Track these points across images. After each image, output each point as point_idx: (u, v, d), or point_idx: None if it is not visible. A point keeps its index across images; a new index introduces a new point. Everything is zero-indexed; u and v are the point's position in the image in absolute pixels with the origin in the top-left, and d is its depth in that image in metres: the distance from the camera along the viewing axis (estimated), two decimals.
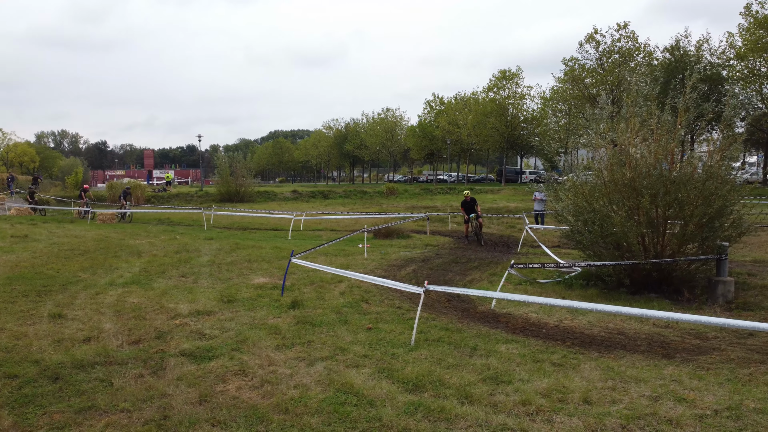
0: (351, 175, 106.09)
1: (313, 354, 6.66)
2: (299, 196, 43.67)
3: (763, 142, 44.15)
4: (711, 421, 4.83)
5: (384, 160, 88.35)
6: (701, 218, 9.33)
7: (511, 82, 58.52)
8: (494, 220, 24.22)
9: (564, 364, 6.33)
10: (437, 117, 69.04)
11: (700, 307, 9.04)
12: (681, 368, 6.20)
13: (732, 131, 9.44)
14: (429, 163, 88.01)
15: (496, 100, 58.74)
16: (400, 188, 51.93)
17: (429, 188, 53.69)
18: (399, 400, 5.31)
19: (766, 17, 37.56)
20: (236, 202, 39.20)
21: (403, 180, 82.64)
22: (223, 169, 42.46)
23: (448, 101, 69.55)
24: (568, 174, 10.71)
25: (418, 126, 74.06)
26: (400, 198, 43.37)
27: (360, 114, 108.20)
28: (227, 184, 41.45)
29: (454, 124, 64.92)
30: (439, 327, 7.84)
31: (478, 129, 59.94)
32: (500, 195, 43.00)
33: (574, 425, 4.79)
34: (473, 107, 62.26)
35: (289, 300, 9.22)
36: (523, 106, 58.76)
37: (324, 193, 46.44)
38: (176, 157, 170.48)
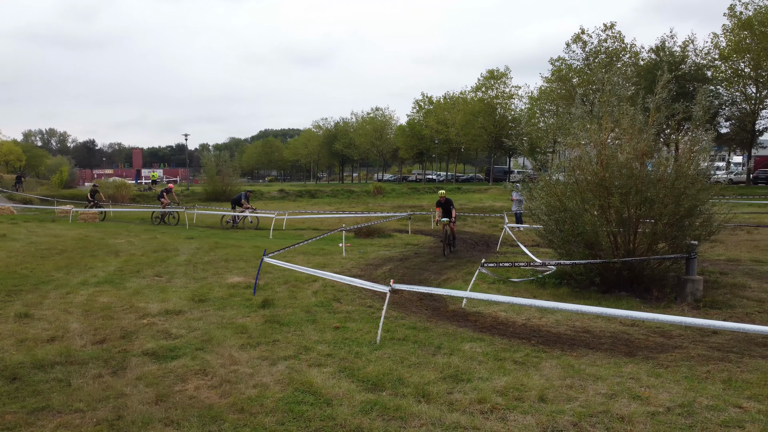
0: (340, 175, 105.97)
1: (276, 353, 6.65)
2: (286, 195, 43.60)
3: (746, 142, 44.53)
4: (662, 418, 4.87)
5: (373, 160, 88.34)
6: (671, 217, 9.40)
7: (499, 82, 58.71)
8: (477, 220, 24.28)
9: (525, 362, 6.36)
10: (426, 116, 69.13)
11: (668, 306, 9.11)
12: (640, 366, 6.24)
13: (702, 131, 9.50)
14: (418, 162, 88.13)
15: (484, 100, 58.90)
16: (387, 187, 51.96)
17: (417, 187, 53.77)
18: (356, 399, 5.31)
19: (749, 18, 37.91)
20: (223, 201, 39.02)
21: (392, 179, 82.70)
22: (209, 168, 42.32)
23: (437, 101, 69.68)
24: (542, 173, 10.75)
25: (408, 125, 74.12)
26: (387, 197, 43.40)
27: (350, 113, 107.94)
28: (213, 183, 41.34)
29: (442, 124, 65.03)
30: (406, 326, 7.86)
31: (466, 128, 60.05)
32: (487, 194, 43.15)
33: (527, 423, 4.82)
34: (462, 107, 62.38)
35: (261, 299, 9.20)
36: (511, 106, 58.94)
37: (311, 192, 46.40)
38: (166, 156, 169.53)
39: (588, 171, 9.85)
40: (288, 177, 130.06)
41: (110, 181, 42.06)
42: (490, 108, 58.23)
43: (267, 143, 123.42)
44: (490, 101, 58.60)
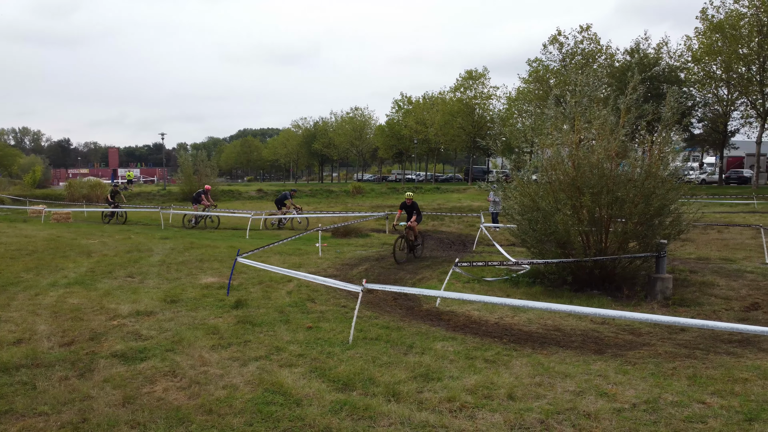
0: (320, 175, 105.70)
1: (248, 354, 6.61)
2: (264, 195, 43.36)
3: (719, 143, 45.40)
4: (627, 414, 4.94)
5: (353, 160, 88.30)
6: (641, 217, 9.54)
7: (477, 82, 59.07)
8: (455, 219, 24.38)
9: (496, 360, 6.41)
10: (405, 116, 69.29)
11: (638, 304, 9.24)
12: (609, 363, 6.33)
13: (669, 131, 9.67)
14: (398, 162, 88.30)
15: (463, 100, 59.21)
16: (366, 187, 51.95)
17: (396, 187, 53.85)
18: (326, 399, 5.30)
19: (720, 22, 38.65)
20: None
21: (372, 179, 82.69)
22: (186, 167, 41.87)
23: (416, 101, 69.87)
24: (516, 173, 10.83)
25: (387, 125, 74.20)
26: (366, 197, 43.39)
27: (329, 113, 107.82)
28: (190, 182, 40.86)
29: (421, 124, 65.25)
30: (380, 325, 7.86)
31: (445, 129, 60.32)
32: (465, 194, 43.38)
33: (495, 421, 4.85)
34: (440, 107, 62.66)
35: (234, 300, 9.13)
36: (489, 106, 59.34)
37: None
38: (143, 155, 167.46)
39: (560, 171, 9.95)
40: (267, 177, 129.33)
41: (84, 181, 41.35)
42: (468, 108, 58.59)
43: (246, 143, 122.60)
44: (469, 101, 58.97)
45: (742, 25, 38.32)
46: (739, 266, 12.27)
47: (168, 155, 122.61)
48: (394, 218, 21.35)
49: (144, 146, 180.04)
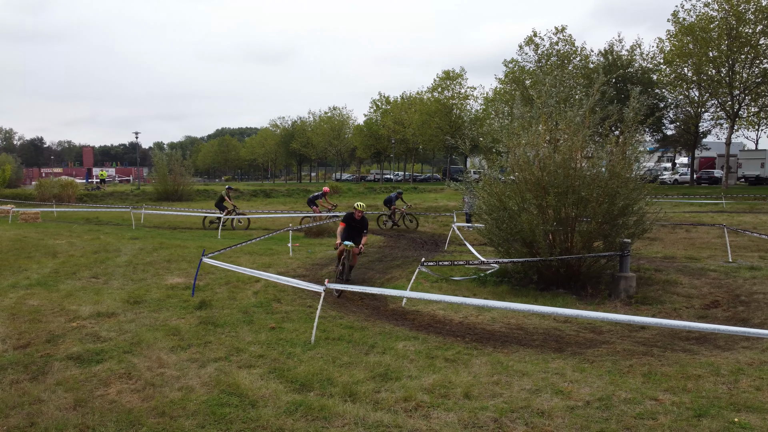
0: (298, 174, 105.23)
1: (207, 355, 6.54)
2: (240, 195, 42.95)
3: (690, 144, 46.21)
4: (581, 412, 4.99)
5: (331, 159, 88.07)
6: (605, 216, 9.65)
7: (454, 83, 59.30)
8: (430, 219, 24.45)
9: (456, 359, 6.43)
10: (383, 116, 69.33)
11: (602, 302, 9.36)
12: (567, 361, 6.39)
13: (633, 132, 9.80)
14: (376, 162, 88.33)
15: (440, 101, 59.42)
16: (344, 187, 51.83)
17: (373, 187, 53.82)
18: (282, 399, 5.27)
19: (691, 25, 39.33)
20: (174, 200, 38.28)
21: (350, 179, 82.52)
22: (161, 167, 41.35)
23: (394, 100, 69.94)
24: (484, 173, 10.90)
25: (365, 125, 74.15)
26: (344, 197, 43.22)
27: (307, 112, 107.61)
28: (165, 182, 40.41)
29: (399, 124, 65.33)
30: (344, 325, 7.84)
31: (422, 129, 60.47)
32: (442, 194, 43.54)
33: (449, 420, 4.86)
34: (418, 107, 62.80)
35: (198, 300, 9.04)
36: (467, 107, 59.62)
37: (266, 192, 45.91)
38: (119, 154, 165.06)
39: (527, 171, 10.03)
40: (245, 176, 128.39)
41: (55, 180, 40.58)
42: (446, 108, 58.79)
43: (223, 142, 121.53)
44: (446, 102, 59.17)
45: (712, 28, 39.04)
46: (703, 265, 12.47)
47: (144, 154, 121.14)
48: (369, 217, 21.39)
49: (120, 145, 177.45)
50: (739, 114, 41.02)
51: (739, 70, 39.37)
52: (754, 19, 37.88)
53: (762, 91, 40.14)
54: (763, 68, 39.12)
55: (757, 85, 39.55)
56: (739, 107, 40.51)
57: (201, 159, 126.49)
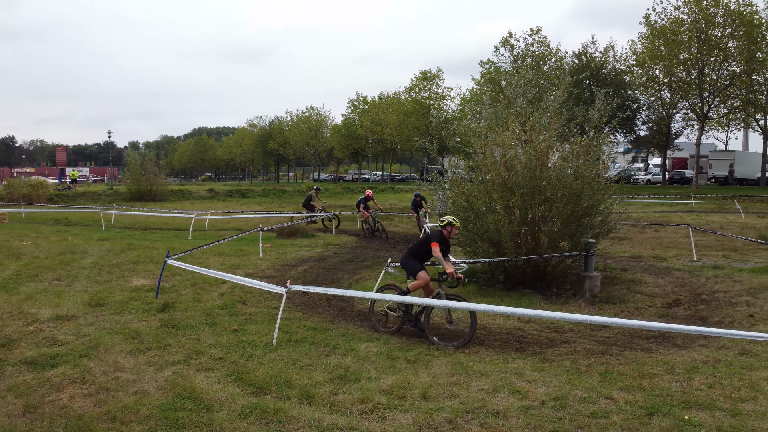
0: (276, 174, 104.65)
1: (166, 358, 6.44)
2: (215, 195, 42.58)
3: (662, 145, 46.97)
4: (535, 411, 5.02)
5: (309, 159, 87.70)
6: (570, 216, 9.74)
7: (431, 83, 59.48)
8: (404, 219, 24.49)
9: (417, 360, 6.43)
10: (361, 116, 69.27)
11: (567, 301, 9.44)
12: (527, 361, 6.43)
13: (598, 133, 9.92)
14: (354, 162, 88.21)
15: (417, 101, 59.56)
16: (321, 187, 51.58)
17: (350, 187, 53.71)
18: (238, 403, 5.21)
19: (662, 27, 39.98)
20: (147, 201, 37.77)
21: (328, 179, 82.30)
22: (134, 167, 40.78)
23: (371, 100, 69.90)
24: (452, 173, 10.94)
25: (343, 125, 74.01)
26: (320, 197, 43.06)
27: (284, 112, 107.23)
28: (138, 182, 39.86)
29: (377, 124, 65.31)
30: (308, 327, 7.80)
31: (400, 129, 60.56)
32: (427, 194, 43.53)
33: (404, 421, 4.86)
34: (396, 107, 62.87)
35: (162, 302, 8.91)
36: (444, 107, 59.87)
37: (242, 192, 45.53)
38: (93, 153, 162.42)
39: (493, 171, 10.08)
40: (222, 176, 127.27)
41: (24, 180, 39.74)
42: (423, 108, 58.93)
43: (200, 141, 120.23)
44: (423, 102, 59.31)
45: (682, 31, 39.74)
46: (668, 264, 12.67)
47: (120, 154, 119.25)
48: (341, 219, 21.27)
49: (94, 144, 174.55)
50: (708, 115, 41.81)
51: (708, 72, 40.11)
52: (723, 22, 38.65)
53: (731, 93, 40.97)
54: (731, 71, 39.93)
55: (726, 87, 40.36)
56: (709, 109, 41.29)
57: (177, 159, 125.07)
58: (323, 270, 12.51)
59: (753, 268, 11.55)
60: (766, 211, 25.39)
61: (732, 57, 39.40)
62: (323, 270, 12.51)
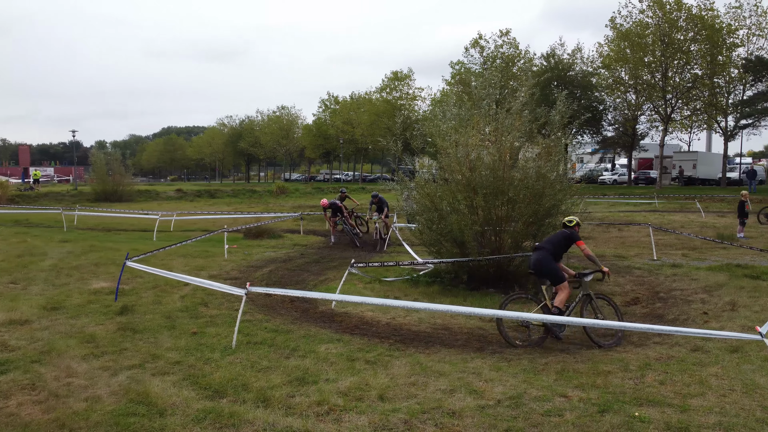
0: (247, 174, 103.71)
1: (121, 363, 6.32)
2: (184, 195, 42.02)
3: (628, 145, 47.90)
4: (491, 411, 5.07)
5: (280, 159, 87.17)
6: (532, 216, 9.86)
7: (402, 83, 59.63)
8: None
9: (377, 361, 6.43)
10: (332, 116, 69.11)
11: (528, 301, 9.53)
12: (486, 360, 6.48)
13: (560, 134, 10.06)
14: (326, 162, 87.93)
15: (389, 101, 59.65)
16: (291, 187, 51.38)
17: (321, 187, 53.59)
18: (193, 407, 5.14)
19: (628, 30, 40.78)
20: (113, 201, 37.02)
21: (300, 179, 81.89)
22: (99, 167, 39.97)
23: (343, 100, 69.80)
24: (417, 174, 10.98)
25: (314, 125, 73.74)
26: (290, 197, 42.88)
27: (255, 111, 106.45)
28: (104, 182, 39.09)
29: (348, 124, 65.21)
30: (269, 329, 7.74)
31: (371, 129, 60.55)
32: (389, 195, 43.57)
33: (360, 423, 4.85)
34: (367, 107, 62.86)
35: (120, 305, 8.75)
36: (415, 107, 60.06)
37: (211, 192, 45.01)
38: (58, 153, 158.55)
39: (457, 172, 10.15)
40: (192, 176, 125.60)
41: None
42: (394, 109, 59.01)
43: (169, 141, 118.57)
44: (394, 102, 59.42)
45: (646, 35, 40.58)
46: (629, 262, 12.92)
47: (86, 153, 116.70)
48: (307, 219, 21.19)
49: (60, 144, 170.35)
50: (672, 117, 42.79)
51: (671, 75, 41.05)
52: (686, 26, 39.58)
53: (693, 95, 41.99)
54: (693, 74, 40.93)
55: (688, 90, 41.35)
56: (672, 110, 42.27)
57: (146, 158, 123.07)
58: (289, 271, 12.43)
59: (710, 267, 11.86)
60: (726, 210, 26.08)
61: (694, 60, 40.39)
62: (289, 271, 12.43)
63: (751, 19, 39.34)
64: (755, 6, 38.89)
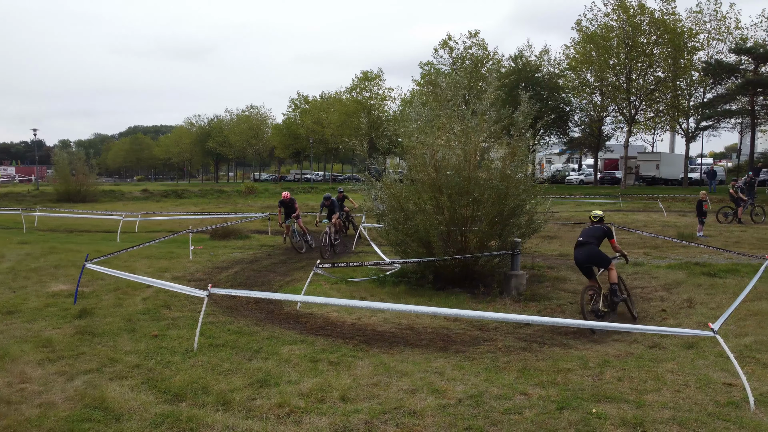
0: (216, 174, 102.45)
1: (78, 367, 6.18)
2: (150, 196, 41.32)
3: (594, 146, 48.78)
4: (451, 410, 5.10)
5: (250, 159, 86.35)
6: (497, 216, 9.96)
7: (372, 84, 59.64)
8: None
9: (340, 362, 6.41)
10: (302, 116, 68.73)
11: (493, 300, 9.64)
12: (449, 360, 6.52)
13: (523, 135, 10.19)
14: (296, 162, 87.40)
15: (359, 101, 59.59)
16: (260, 187, 50.94)
17: (291, 187, 53.16)
18: (151, 411, 5.05)
19: (593, 33, 41.52)
20: (77, 202, 36.20)
21: (270, 179, 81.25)
22: (62, 166, 39.04)
23: (313, 100, 69.48)
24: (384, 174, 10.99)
25: (284, 124, 73.24)
26: (259, 197, 42.49)
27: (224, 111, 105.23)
28: (67, 182, 38.20)
29: (318, 123, 64.92)
30: (232, 331, 7.66)
31: (341, 129, 60.38)
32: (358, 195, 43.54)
33: (321, 425, 4.83)
34: (337, 107, 62.69)
35: (79, 309, 8.55)
36: (385, 107, 60.15)
37: (178, 192, 44.36)
38: (19, 152, 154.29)
39: (423, 172, 10.19)
40: (160, 176, 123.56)
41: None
42: (364, 109, 58.99)
43: (136, 140, 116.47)
44: (364, 102, 59.39)
45: (611, 37, 41.39)
46: None
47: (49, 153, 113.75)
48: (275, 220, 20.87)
49: (21, 143, 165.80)
50: (636, 118, 43.71)
51: (635, 77, 41.93)
52: (649, 30, 40.48)
53: (656, 97, 42.98)
54: (656, 76, 41.90)
55: (651, 92, 42.30)
56: (636, 112, 43.18)
57: (112, 158, 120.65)
58: (255, 272, 12.31)
59: (669, 265, 12.14)
60: (687, 210, 26.73)
61: (657, 63, 41.34)
62: (255, 272, 12.31)
63: (711, 24, 40.50)
64: (715, 11, 40.03)
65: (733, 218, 21.37)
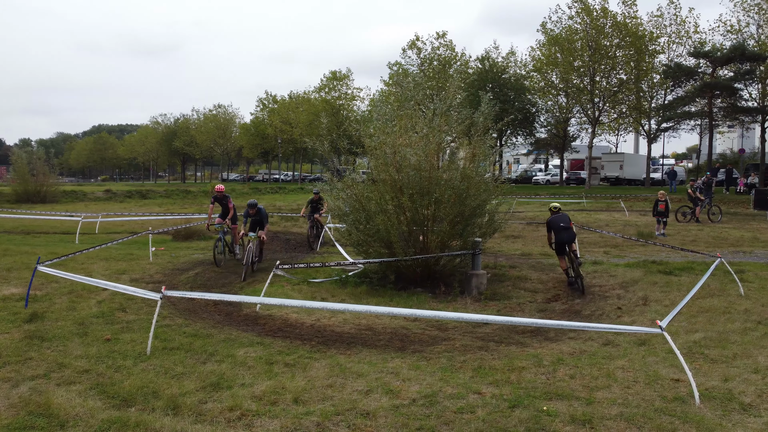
0: (182, 174, 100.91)
1: (24, 373, 5.99)
2: (113, 196, 40.41)
3: (560, 147, 49.54)
4: (404, 410, 5.10)
5: (217, 159, 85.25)
6: (457, 216, 10.02)
7: (341, 83, 59.48)
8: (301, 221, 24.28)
9: (296, 364, 6.36)
10: (270, 115, 68.12)
11: (454, 299, 9.70)
12: (406, 360, 6.52)
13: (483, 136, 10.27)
14: (265, 161, 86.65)
15: (327, 101, 59.36)
16: (227, 188, 50.15)
17: (259, 187, 52.75)
18: (98, 417, 4.92)
19: (558, 35, 42.17)
20: (36, 202, 35.19)
21: (238, 179, 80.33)
22: (20, 166, 37.88)
23: (281, 99, 68.94)
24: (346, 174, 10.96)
25: (252, 124, 72.51)
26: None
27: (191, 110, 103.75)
28: (26, 183, 37.09)
29: (287, 123, 64.45)
30: (187, 333, 7.53)
31: (310, 129, 60.04)
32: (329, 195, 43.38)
33: (272, 427, 4.78)
34: (306, 107, 62.33)
35: (30, 312, 8.30)
36: (354, 107, 60.04)
37: (142, 193, 43.49)
38: None
39: (385, 172, 10.19)
40: (125, 176, 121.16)
41: None
42: (333, 109, 58.80)
43: (100, 139, 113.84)
44: (333, 102, 59.20)
45: (575, 40, 42.09)
46: (554, 261, 13.29)
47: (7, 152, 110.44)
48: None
49: None
50: (600, 120, 44.54)
51: (599, 79, 42.71)
52: (612, 32, 41.29)
53: (620, 99, 43.86)
54: (619, 78, 42.75)
55: (614, 94, 43.16)
56: (600, 113, 43.99)
57: (75, 158, 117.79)
58: (215, 274, 12.14)
59: (627, 263, 12.40)
60: (648, 209, 27.30)
61: (620, 65, 42.18)
62: (215, 274, 12.14)
63: (671, 28, 41.51)
64: (675, 15, 41.05)
65: (691, 217, 21.93)
